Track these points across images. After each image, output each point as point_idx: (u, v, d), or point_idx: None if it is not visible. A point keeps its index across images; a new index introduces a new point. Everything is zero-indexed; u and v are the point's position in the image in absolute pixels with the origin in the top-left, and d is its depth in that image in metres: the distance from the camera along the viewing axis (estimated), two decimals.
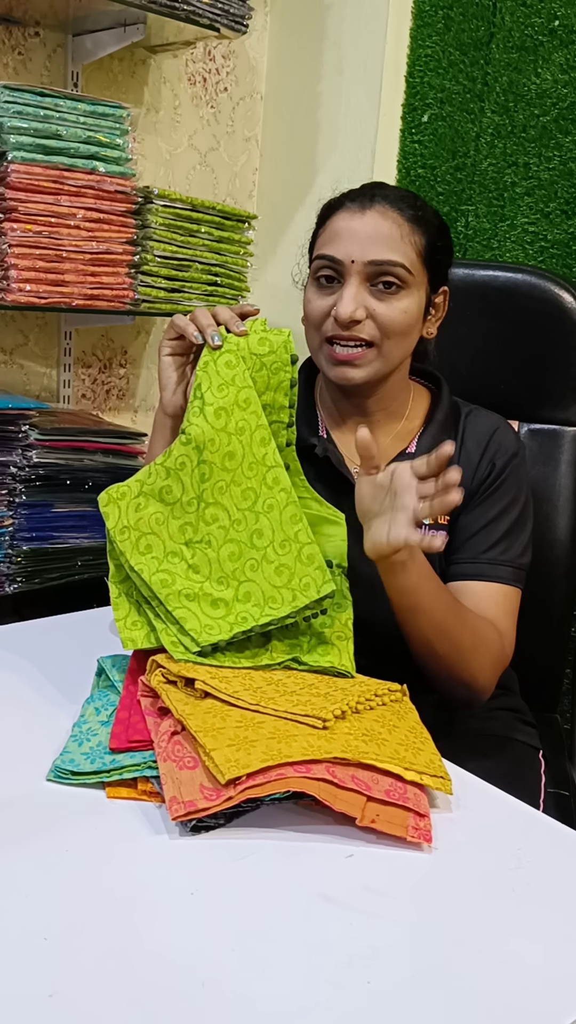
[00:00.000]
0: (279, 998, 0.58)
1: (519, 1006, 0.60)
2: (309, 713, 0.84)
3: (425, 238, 1.08)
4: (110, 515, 0.95)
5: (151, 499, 0.95)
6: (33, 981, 0.58)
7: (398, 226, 1.06)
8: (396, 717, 0.89)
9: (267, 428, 0.97)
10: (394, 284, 1.06)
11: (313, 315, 1.10)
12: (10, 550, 1.69)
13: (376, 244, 1.05)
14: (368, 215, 1.06)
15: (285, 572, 0.95)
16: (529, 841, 0.78)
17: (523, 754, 1.13)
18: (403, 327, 1.07)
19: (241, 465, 0.95)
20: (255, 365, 0.97)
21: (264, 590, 0.94)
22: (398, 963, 0.62)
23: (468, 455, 1.13)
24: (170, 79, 2.00)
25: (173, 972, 0.60)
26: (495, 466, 1.13)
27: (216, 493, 0.95)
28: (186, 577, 0.94)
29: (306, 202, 2.10)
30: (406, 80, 1.89)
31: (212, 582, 0.94)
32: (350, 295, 1.05)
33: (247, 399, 0.96)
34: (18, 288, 1.58)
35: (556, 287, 1.33)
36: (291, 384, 0.99)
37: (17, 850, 0.70)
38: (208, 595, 0.93)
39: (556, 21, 1.65)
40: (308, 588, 0.94)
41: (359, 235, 1.06)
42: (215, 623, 0.92)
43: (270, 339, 0.99)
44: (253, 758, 0.76)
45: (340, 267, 1.07)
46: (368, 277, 1.06)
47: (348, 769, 0.78)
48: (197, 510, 0.95)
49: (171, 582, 0.93)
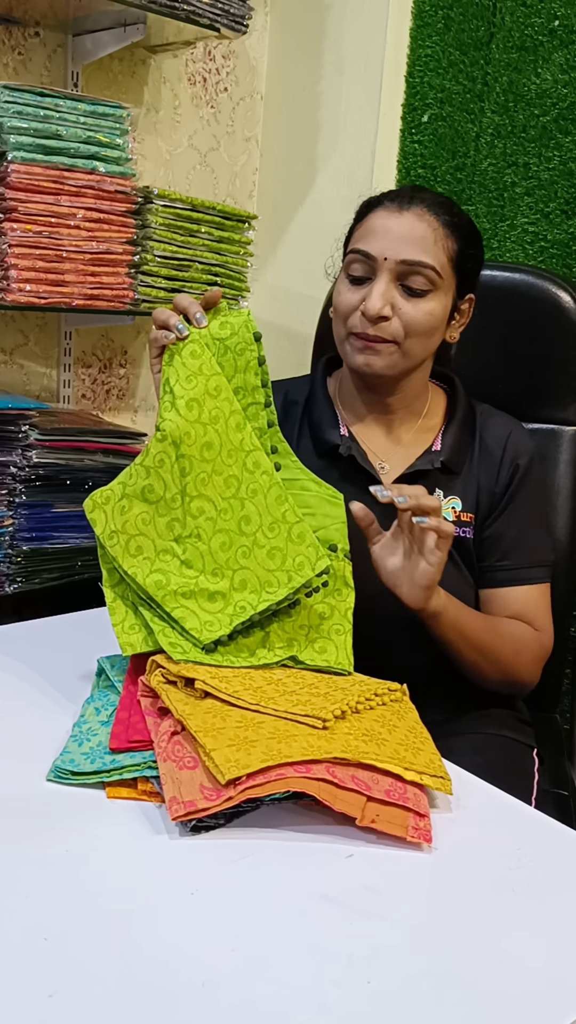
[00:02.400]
0: (279, 998, 0.58)
1: (519, 1006, 0.60)
2: (309, 713, 0.84)
3: (458, 244, 1.10)
4: (97, 521, 0.94)
5: (135, 500, 0.94)
6: (33, 981, 0.58)
7: (433, 229, 1.08)
8: (396, 717, 0.89)
9: (241, 413, 0.96)
10: (423, 285, 1.08)
11: (342, 307, 1.12)
12: (10, 550, 1.69)
13: (410, 244, 1.07)
14: (405, 215, 1.09)
15: (278, 554, 0.94)
16: (529, 841, 0.78)
17: (516, 752, 1.13)
18: (426, 328, 1.10)
19: (220, 454, 0.94)
20: (219, 350, 0.97)
21: (259, 575, 0.94)
22: (398, 963, 0.62)
23: (489, 455, 1.17)
24: (170, 79, 2.00)
25: (173, 972, 0.60)
26: (518, 467, 1.16)
27: (199, 485, 0.94)
28: (180, 574, 0.93)
29: (306, 202, 2.10)
30: (406, 80, 1.89)
31: (207, 575, 0.94)
32: (379, 292, 1.07)
33: (217, 387, 0.95)
34: (18, 288, 1.58)
35: (556, 287, 1.33)
36: (259, 362, 0.98)
37: (17, 850, 0.70)
38: (204, 589, 0.93)
39: (556, 21, 1.65)
40: (303, 567, 0.94)
41: (394, 234, 1.08)
42: (214, 618, 0.92)
43: (230, 321, 0.97)
44: (253, 758, 0.76)
45: (373, 263, 1.09)
46: (398, 276, 1.08)
47: (348, 769, 0.78)
48: (182, 505, 0.94)
49: (166, 583, 0.92)
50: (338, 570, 0.98)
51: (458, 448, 1.16)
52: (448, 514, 1.14)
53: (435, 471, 1.14)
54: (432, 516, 0.96)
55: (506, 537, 1.16)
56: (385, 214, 1.10)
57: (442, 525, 0.96)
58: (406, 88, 1.89)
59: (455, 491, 1.15)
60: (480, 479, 1.16)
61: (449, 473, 1.15)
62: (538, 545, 1.18)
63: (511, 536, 1.16)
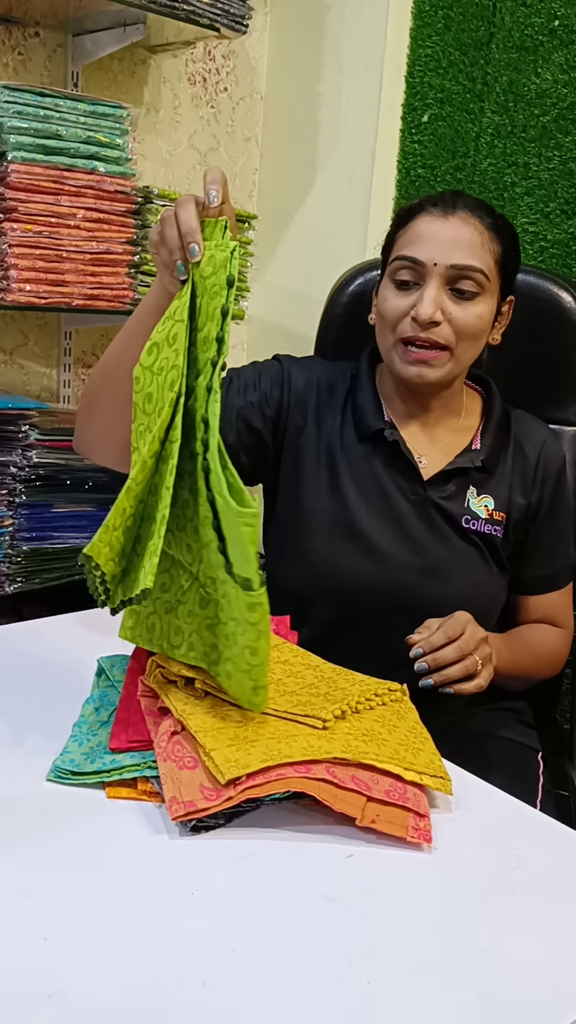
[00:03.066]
0: (279, 998, 0.58)
1: (519, 1006, 0.60)
2: (309, 713, 0.84)
3: (501, 247, 1.11)
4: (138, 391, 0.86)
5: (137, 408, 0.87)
6: (33, 981, 0.58)
7: (479, 233, 1.08)
8: (396, 717, 0.89)
9: (179, 370, 0.83)
10: (473, 289, 1.08)
11: (390, 314, 1.11)
12: (10, 550, 1.69)
13: (459, 248, 1.07)
14: (451, 220, 1.09)
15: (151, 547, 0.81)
16: (529, 841, 0.78)
17: (521, 755, 1.13)
18: (476, 331, 1.10)
19: (156, 408, 0.84)
20: (202, 289, 0.85)
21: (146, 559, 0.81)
22: (398, 963, 0.62)
23: (524, 459, 1.19)
24: (170, 79, 2.00)
25: (173, 972, 0.60)
26: (551, 476, 1.19)
27: (137, 437, 0.86)
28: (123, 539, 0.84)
29: (306, 202, 2.10)
30: (406, 80, 1.89)
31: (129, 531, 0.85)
32: (430, 297, 1.07)
33: (175, 335, 0.84)
34: (18, 288, 1.58)
35: (556, 287, 1.33)
36: (223, 313, 0.83)
37: (17, 850, 0.70)
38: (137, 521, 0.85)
39: (556, 21, 1.65)
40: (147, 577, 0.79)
41: (442, 238, 1.08)
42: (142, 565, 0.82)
43: (216, 257, 0.85)
44: (253, 758, 0.76)
45: (422, 268, 1.08)
46: (448, 280, 1.08)
47: (348, 769, 0.78)
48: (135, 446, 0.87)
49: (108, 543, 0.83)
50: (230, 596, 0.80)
51: (495, 449, 1.18)
52: (481, 511, 1.16)
53: (473, 469, 1.16)
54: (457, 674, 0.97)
55: (542, 547, 1.20)
56: (430, 219, 1.09)
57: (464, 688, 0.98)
58: (406, 88, 1.89)
59: (488, 490, 1.17)
60: (513, 481, 1.18)
61: (485, 472, 1.17)
62: (567, 550, 1.23)
63: (547, 546, 1.20)
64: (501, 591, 1.18)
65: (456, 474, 1.16)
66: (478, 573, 1.14)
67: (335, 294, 1.46)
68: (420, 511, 1.15)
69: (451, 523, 1.14)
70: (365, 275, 1.42)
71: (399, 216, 1.16)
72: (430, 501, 1.15)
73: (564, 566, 1.22)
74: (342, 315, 1.44)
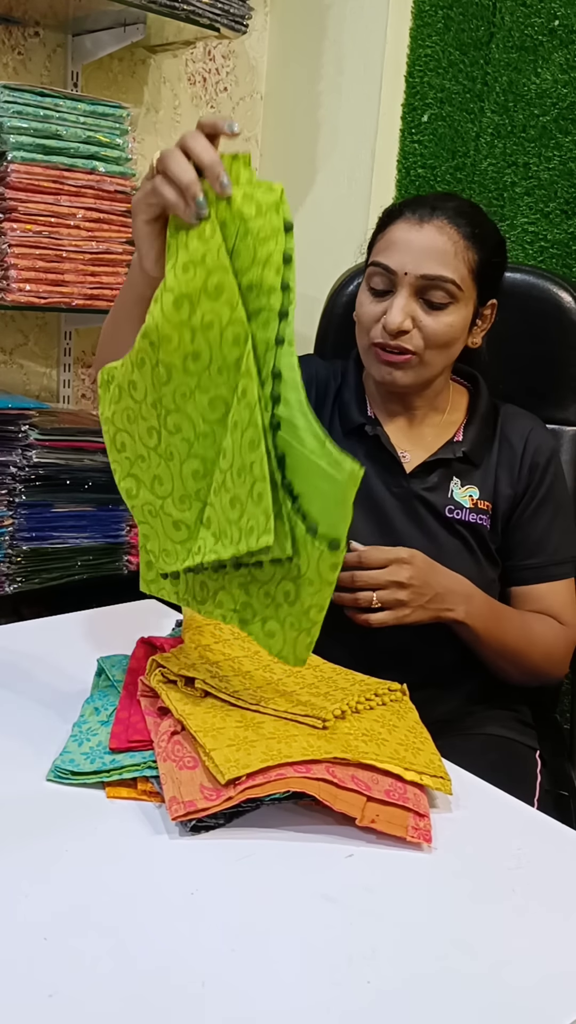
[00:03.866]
0: (279, 998, 0.58)
1: (519, 1006, 0.60)
2: (309, 713, 0.84)
3: (479, 255, 1.10)
4: (103, 399, 0.82)
5: (123, 391, 0.80)
6: (33, 981, 0.58)
7: (453, 243, 1.08)
8: (396, 717, 0.89)
9: (243, 323, 0.75)
10: (443, 299, 1.09)
11: (364, 319, 1.13)
12: (10, 550, 1.69)
13: (429, 259, 1.08)
14: (425, 229, 1.09)
15: (237, 506, 0.77)
16: (529, 841, 0.78)
17: (520, 754, 1.13)
18: (446, 340, 1.11)
19: (209, 368, 0.76)
20: (239, 231, 0.75)
21: (219, 521, 0.79)
22: (398, 963, 0.62)
23: (511, 450, 1.19)
24: (170, 79, 2.00)
25: (173, 972, 0.60)
26: (538, 465, 1.19)
27: (178, 399, 0.78)
28: (151, 489, 0.83)
29: (306, 202, 2.10)
30: (406, 80, 1.89)
31: (174, 500, 0.82)
32: (399, 306, 1.08)
33: (218, 285, 0.74)
34: (18, 288, 1.58)
35: (556, 287, 1.33)
36: (284, 259, 0.75)
37: (17, 850, 0.70)
38: (168, 515, 0.82)
39: (556, 21, 1.65)
40: (251, 533, 0.76)
41: (414, 248, 1.08)
42: (173, 548, 0.83)
43: (258, 197, 0.75)
44: (253, 758, 0.76)
45: (393, 276, 1.09)
46: (418, 290, 1.09)
47: (348, 769, 0.78)
48: (158, 415, 0.80)
49: (135, 493, 0.84)
50: (311, 556, 0.75)
51: (479, 441, 1.18)
52: (465, 500, 1.16)
53: (455, 461, 1.17)
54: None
55: (531, 536, 1.19)
56: (406, 227, 1.10)
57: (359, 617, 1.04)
58: (406, 88, 1.89)
59: (473, 480, 1.17)
60: (499, 472, 1.18)
61: (468, 464, 1.17)
62: (563, 541, 1.21)
63: (536, 535, 1.19)
64: (491, 584, 1.18)
65: (438, 465, 1.17)
66: (465, 566, 1.13)
67: (334, 294, 1.47)
68: (404, 505, 1.16)
69: (435, 514, 1.15)
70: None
71: (381, 218, 1.16)
72: (414, 494, 1.16)
73: (559, 558, 1.20)
74: (341, 315, 1.44)
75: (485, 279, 1.13)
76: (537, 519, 1.19)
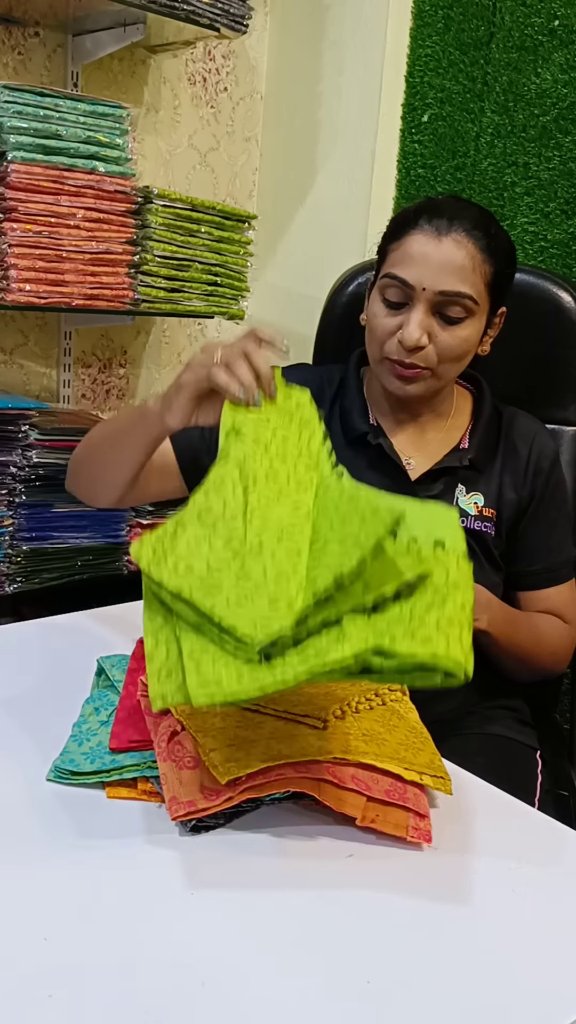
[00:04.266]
0: (279, 998, 0.58)
1: (519, 1006, 0.60)
2: (309, 713, 0.84)
3: (494, 267, 1.09)
4: (143, 555, 0.78)
5: (189, 525, 0.80)
6: (33, 981, 0.58)
7: (471, 257, 1.07)
8: (396, 717, 0.89)
9: (312, 458, 0.86)
10: (460, 314, 1.08)
11: (378, 332, 1.11)
12: (10, 550, 1.69)
13: (448, 275, 1.06)
14: (444, 242, 1.06)
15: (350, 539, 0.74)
16: (529, 841, 0.78)
17: (520, 754, 1.14)
18: (461, 353, 1.11)
19: (288, 484, 0.84)
20: (284, 420, 0.90)
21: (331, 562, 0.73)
22: (398, 963, 0.62)
23: (516, 455, 1.19)
24: (170, 79, 2.01)
25: (173, 972, 0.60)
26: (542, 470, 1.19)
27: (263, 502, 0.81)
28: (236, 585, 0.75)
29: (306, 202, 2.10)
30: (406, 80, 1.89)
31: (268, 581, 0.75)
32: (416, 321, 1.07)
33: (284, 437, 0.87)
34: (18, 288, 1.58)
35: (556, 287, 1.33)
36: (324, 436, 0.89)
37: (17, 850, 0.70)
38: (264, 594, 0.74)
39: (556, 21, 1.65)
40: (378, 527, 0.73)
41: (433, 262, 1.06)
42: (274, 614, 0.71)
43: (294, 395, 0.93)
44: (253, 758, 0.76)
45: (410, 291, 1.08)
46: (436, 306, 1.08)
47: (348, 769, 0.78)
48: (244, 518, 0.81)
49: (218, 591, 0.74)
50: (448, 563, 0.77)
51: (485, 447, 1.18)
52: (470, 508, 1.16)
53: (461, 468, 1.16)
54: None
55: (537, 542, 1.20)
56: (423, 239, 1.07)
57: None
58: (406, 88, 1.89)
59: (478, 487, 1.17)
60: (504, 478, 1.18)
61: (474, 470, 1.17)
62: (565, 544, 1.22)
63: (541, 540, 1.20)
64: (495, 589, 1.18)
65: (444, 473, 1.16)
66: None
67: (335, 294, 1.47)
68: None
69: None
70: (365, 275, 1.42)
71: (395, 223, 1.14)
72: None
73: (563, 561, 1.22)
74: (342, 315, 1.44)
75: (498, 290, 1.12)
76: (542, 525, 1.20)
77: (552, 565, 1.21)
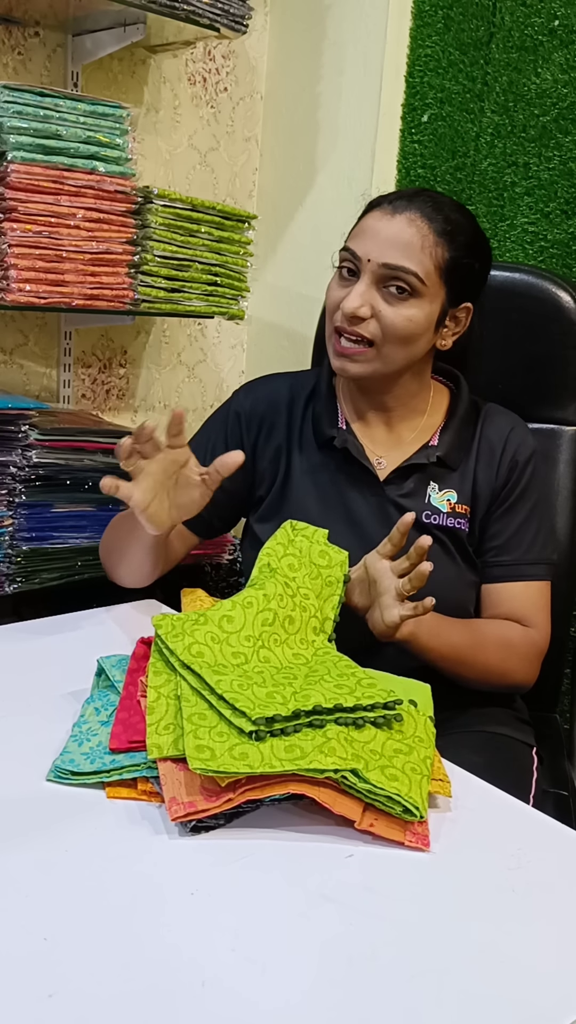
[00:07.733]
0: (279, 998, 0.58)
1: (519, 1006, 0.60)
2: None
3: (450, 252, 1.10)
4: (163, 626, 0.92)
5: (210, 622, 0.92)
6: (33, 981, 0.58)
7: (422, 236, 1.08)
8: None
9: (320, 621, 0.98)
10: (404, 290, 1.08)
11: (328, 302, 1.14)
12: (10, 550, 1.69)
13: (394, 248, 1.08)
14: (396, 219, 1.09)
15: (345, 687, 0.85)
16: (529, 841, 0.78)
17: (515, 751, 1.13)
18: (405, 333, 1.10)
19: (297, 634, 0.96)
20: (311, 572, 1.00)
21: (326, 693, 0.84)
22: (398, 963, 0.62)
23: (490, 451, 1.18)
24: (170, 79, 2.00)
25: (173, 972, 0.60)
26: (517, 463, 1.17)
27: (271, 642, 0.93)
28: (239, 680, 0.86)
29: (306, 202, 2.10)
30: (406, 80, 1.89)
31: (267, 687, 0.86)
32: (359, 291, 1.09)
33: (306, 594, 0.98)
34: (18, 288, 1.58)
35: (556, 287, 1.33)
36: (339, 601, 1.01)
37: (17, 850, 0.70)
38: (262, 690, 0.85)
39: (556, 21, 1.65)
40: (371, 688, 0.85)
41: (381, 236, 1.09)
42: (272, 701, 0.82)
43: (330, 554, 1.02)
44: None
45: (358, 262, 1.10)
46: (380, 279, 1.09)
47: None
48: (253, 647, 0.92)
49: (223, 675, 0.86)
50: (418, 719, 0.86)
51: (457, 444, 1.17)
52: (443, 505, 1.15)
53: (431, 465, 1.16)
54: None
55: (503, 533, 1.17)
56: (379, 215, 1.11)
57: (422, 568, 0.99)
58: (406, 88, 1.89)
59: (451, 484, 1.17)
60: (478, 474, 1.17)
61: (445, 468, 1.16)
62: (536, 542, 1.18)
63: (508, 532, 1.17)
64: (470, 588, 1.17)
65: (414, 470, 1.16)
66: (443, 569, 1.11)
67: None
68: (379, 512, 1.15)
69: None
70: None
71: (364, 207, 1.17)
72: (389, 501, 1.15)
73: (531, 558, 1.17)
74: None
75: (456, 279, 1.11)
76: (511, 516, 1.17)
77: (516, 560, 1.17)
